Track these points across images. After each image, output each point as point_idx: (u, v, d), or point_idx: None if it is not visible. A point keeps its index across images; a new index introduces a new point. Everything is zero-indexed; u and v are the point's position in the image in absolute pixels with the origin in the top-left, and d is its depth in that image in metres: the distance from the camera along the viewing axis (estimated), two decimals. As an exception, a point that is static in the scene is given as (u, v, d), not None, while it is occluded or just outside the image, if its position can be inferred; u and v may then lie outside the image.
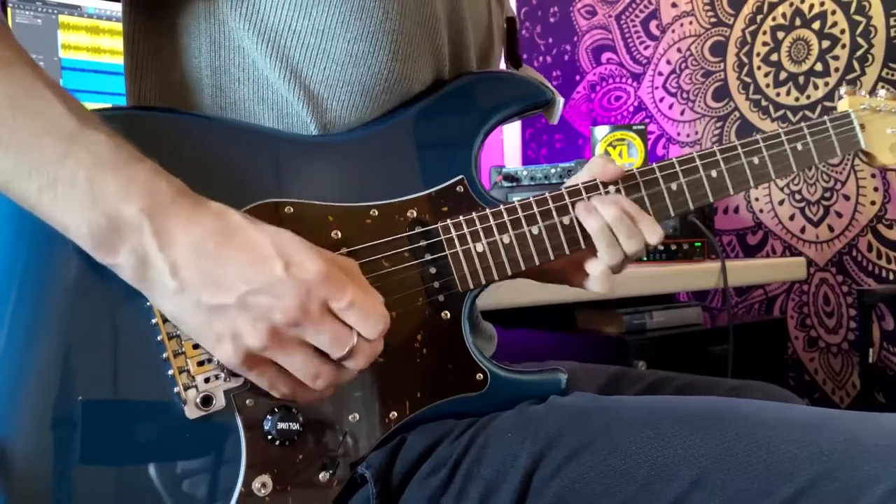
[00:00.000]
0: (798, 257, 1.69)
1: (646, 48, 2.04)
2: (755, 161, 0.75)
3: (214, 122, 0.66)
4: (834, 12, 1.67)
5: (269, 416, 0.60)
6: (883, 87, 0.85)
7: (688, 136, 1.96)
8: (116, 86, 1.52)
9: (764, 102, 1.80)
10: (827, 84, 1.69)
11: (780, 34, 1.76)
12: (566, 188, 0.71)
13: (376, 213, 0.66)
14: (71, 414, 0.57)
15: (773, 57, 1.78)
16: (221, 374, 0.59)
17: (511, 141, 2.33)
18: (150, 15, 0.69)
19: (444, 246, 0.67)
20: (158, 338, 0.58)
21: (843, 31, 1.66)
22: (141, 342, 0.58)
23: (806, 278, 1.64)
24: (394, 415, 0.64)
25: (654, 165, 0.73)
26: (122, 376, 0.58)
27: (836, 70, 1.67)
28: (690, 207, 0.73)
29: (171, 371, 0.58)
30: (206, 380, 0.59)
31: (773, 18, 1.77)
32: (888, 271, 1.61)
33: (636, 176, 0.72)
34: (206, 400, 0.58)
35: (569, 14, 2.21)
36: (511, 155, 2.32)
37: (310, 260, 0.53)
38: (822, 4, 1.69)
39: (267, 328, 0.52)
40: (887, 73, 1.59)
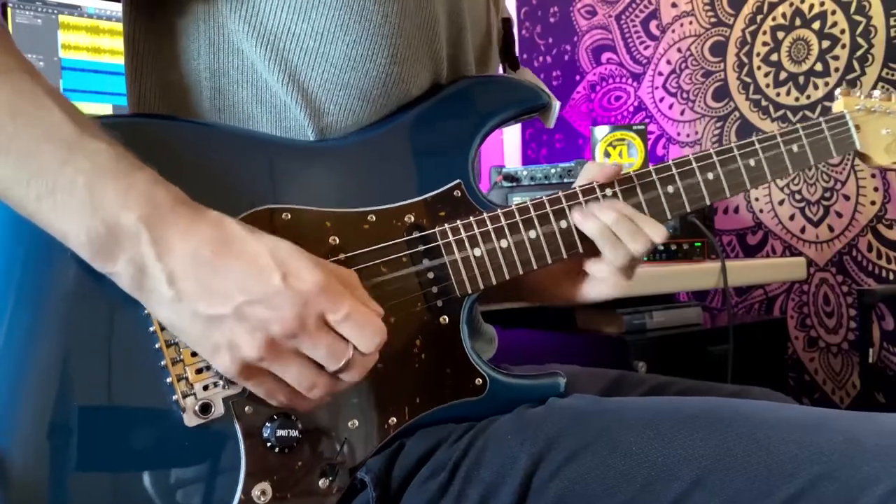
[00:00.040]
0: (798, 257, 1.68)
1: (646, 48, 2.03)
2: (751, 163, 0.75)
3: (212, 128, 0.66)
4: (834, 12, 1.67)
5: (268, 423, 0.60)
6: (877, 88, 0.85)
7: (688, 136, 1.95)
8: (116, 86, 1.52)
9: (764, 102, 1.79)
10: (827, 84, 1.68)
11: (780, 34, 1.76)
12: (563, 192, 0.71)
13: (374, 218, 0.66)
14: (69, 421, 0.57)
15: (773, 57, 1.77)
16: (220, 382, 0.59)
17: (511, 141, 2.33)
18: (150, 15, 0.69)
19: (442, 251, 0.67)
20: (157, 345, 0.58)
21: (843, 31, 1.65)
22: (139, 349, 0.58)
23: (806, 278, 1.64)
24: (393, 420, 0.64)
25: (650, 168, 0.73)
26: (121, 384, 0.58)
27: (836, 70, 1.67)
28: (687, 210, 0.73)
29: (169, 378, 0.58)
30: (205, 387, 0.59)
31: (773, 18, 1.77)
32: (888, 271, 1.61)
33: (633, 179, 0.72)
34: (205, 407, 0.58)
35: (569, 14, 2.21)
36: (511, 155, 2.32)
37: (308, 271, 0.53)
38: (822, 4, 1.69)
39: (264, 339, 0.52)
40: (887, 73, 1.59)
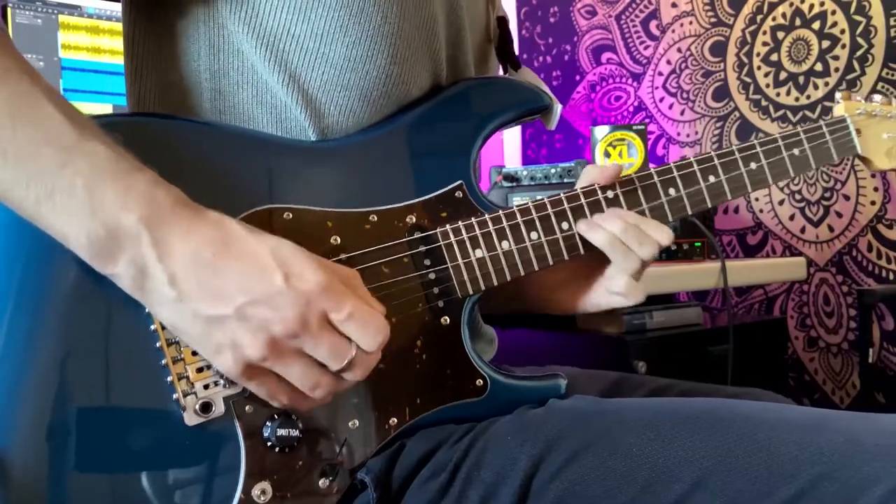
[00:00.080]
0: (798, 257, 1.68)
1: (646, 48, 2.03)
2: (753, 167, 0.75)
3: (214, 128, 0.66)
4: (834, 12, 1.67)
5: (268, 422, 0.60)
6: (877, 93, 0.85)
7: (688, 136, 1.95)
8: (116, 86, 1.52)
9: (764, 102, 1.79)
10: (827, 84, 1.68)
11: (780, 34, 1.76)
12: (565, 193, 0.71)
13: (375, 218, 0.66)
14: (69, 421, 0.57)
15: (773, 57, 1.77)
16: (221, 381, 0.59)
17: (511, 141, 2.33)
18: (150, 16, 0.69)
19: (444, 251, 0.66)
20: (157, 344, 0.58)
21: (843, 31, 1.65)
22: (140, 348, 0.58)
23: (806, 278, 1.64)
24: (394, 421, 0.64)
25: (652, 171, 0.72)
26: (121, 383, 0.58)
27: (836, 70, 1.67)
28: (689, 212, 0.72)
29: (169, 377, 0.58)
30: (206, 386, 0.59)
31: (773, 18, 1.77)
32: (888, 271, 1.61)
33: (634, 181, 0.72)
34: (206, 406, 0.58)
35: (569, 14, 2.21)
36: (511, 155, 2.32)
37: (309, 271, 0.53)
38: (822, 4, 1.69)
39: (266, 339, 0.52)
40: (887, 73, 1.59)
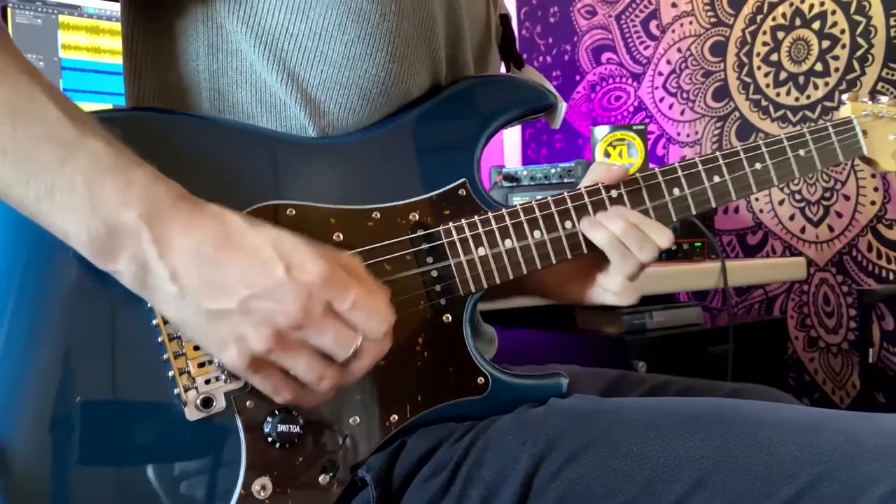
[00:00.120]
0: (798, 257, 1.68)
1: (646, 48, 2.03)
2: (758, 167, 0.74)
3: (216, 123, 0.66)
4: (834, 12, 1.67)
5: (269, 418, 0.60)
6: (885, 94, 0.84)
7: (688, 136, 1.95)
8: (116, 86, 1.52)
9: (764, 102, 1.80)
10: (827, 84, 1.68)
11: (780, 34, 1.76)
12: (568, 192, 0.71)
13: (378, 215, 0.66)
14: (71, 414, 0.57)
15: (773, 57, 1.78)
16: (222, 376, 0.59)
17: (511, 141, 2.33)
18: (149, 16, 0.69)
19: (446, 249, 0.66)
20: (159, 339, 0.58)
21: (843, 31, 1.65)
22: (141, 343, 0.58)
23: (806, 278, 1.64)
24: (394, 418, 0.64)
25: (656, 170, 0.72)
26: (123, 377, 0.58)
27: (836, 70, 1.67)
28: (693, 212, 0.72)
29: (171, 372, 0.58)
30: (207, 381, 0.59)
31: (773, 18, 1.77)
32: (888, 271, 1.61)
33: (639, 181, 0.71)
34: (207, 401, 0.58)
35: (569, 14, 2.21)
36: (511, 155, 2.32)
37: (311, 262, 0.53)
38: (822, 4, 1.69)
39: (270, 332, 0.52)
40: (887, 73, 1.59)
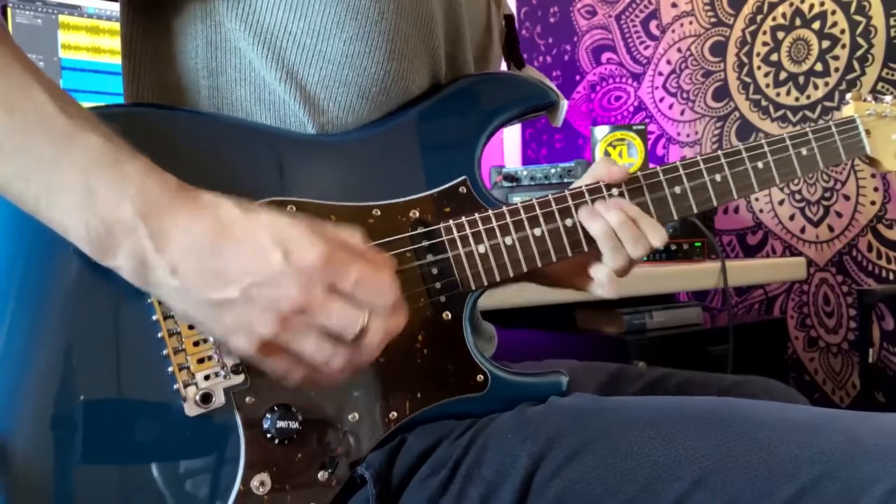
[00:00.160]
0: (798, 257, 1.69)
1: (646, 48, 2.03)
2: (759, 165, 0.74)
3: (215, 119, 0.66)
4: (834, 12, 1.67)
5: (268, 414, 0.59)
6: (888, 93, 0.84)
7: (688, 136, 1.95)
8: (116, 86, 1.52)
9: (764, 102, 1.80)
10: (827, 84, 1.68)
11: (780, 34, 1.76)
12: (569, 190, 0.71)
13: (379, 212, 0.65)
14: (71, 410, 0.57)
15: (773, 57, 1.78)
16: (221, 372, 0.59)
17: (511, 141, 2.33)
18: (147, 16, 0.69)
19: (447, 246, 0.66)
20: (159, 335, 0.58)
21: (843, 31, 1.66)
22: (141, 339, 0.58)
23: (806, 278, 1.64)
24: (394, 415, 0.64)
25: (657, 169, 0.72)
26: (123, 373, 0.58)
27: (836, 70, 1.67)
28: (694, 211, 0.72)
29: (170, 368, 0.58)
30: (206, 377, 0.59)
31: (773, 18, 1.77)
32: (888, 271, 1.61)
33: (640, 179, 0.71)
34: (206, 397, 0.58)
35: (569, 14, 2.21)
36: (511, 155, 2.32)
37: (309, 245, 0.52)
38: (822, 4, 1.69)
39: (275, 317, 0.52)
40: (887, 73, 1.59)
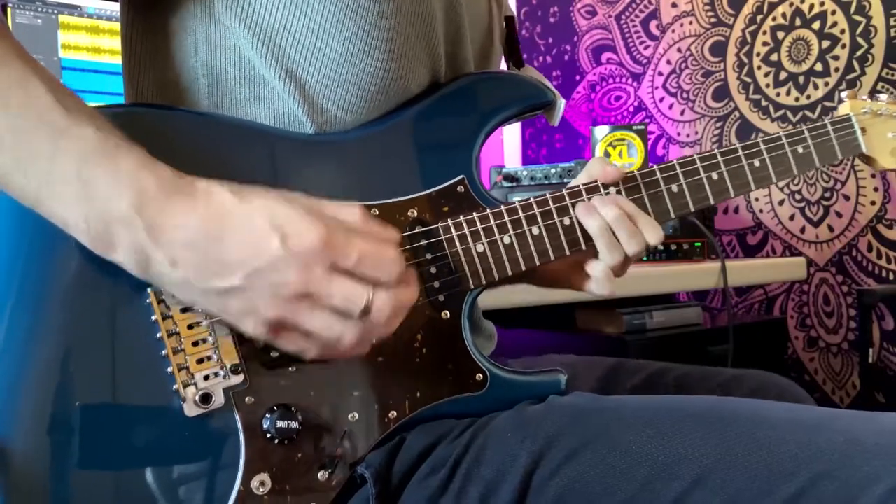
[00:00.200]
0: (798, 257, 1.69)
1: (646, 48, 2.03)
2: (756, 163, 0.75)
3: (214, 119, 0.66)
4: (834, 12, 1.67)
5: (268, 414, 0.59)
6: (884, 91, 0.84)
7: (688, 136, 1.95)
8: (116, 86, 1.52)
9: (764, 102, 1.80)
10: (827, 84, 1.68)
11: (780, 34, 1.76)
12: (567, 189, 0.71)
13: (377, 212, 0.66)
14: (69, 411, 0.57)
15: (773, 57, 1.78)
16: (221, 372, 0.59)
17: (511, 141, 2.33)
18: (147, 15, 0.69)
19: (445, 245, 0.66)
20: (157, 335, 0.58)
21: (843, 31, 1.66)
22: (140, 339, 0.58)
23: (806, 278, 1.64)
24: (393, 414, 0.64)
25: (654, 167, 0.72)
26: (121, 374, 0.58)
27: (836, 70, 1.67)
28: (691, 209, 0.72)
29: (170, 368, 0.58)
30: (206, 377, 0.59)
31: (773, 18, 1.77)
32: (888, 271, 1.61)
33: (637, 178, 0.72)
34: (205, 397, 0.58)
35: (569, 14, 2.21)
36: (511, 155, 2.32)
37: (306, 228, 0.52)
38: (822, 4, 1.69)
39: (279, 301, 0.52)
40: (887, 73, 1.59)
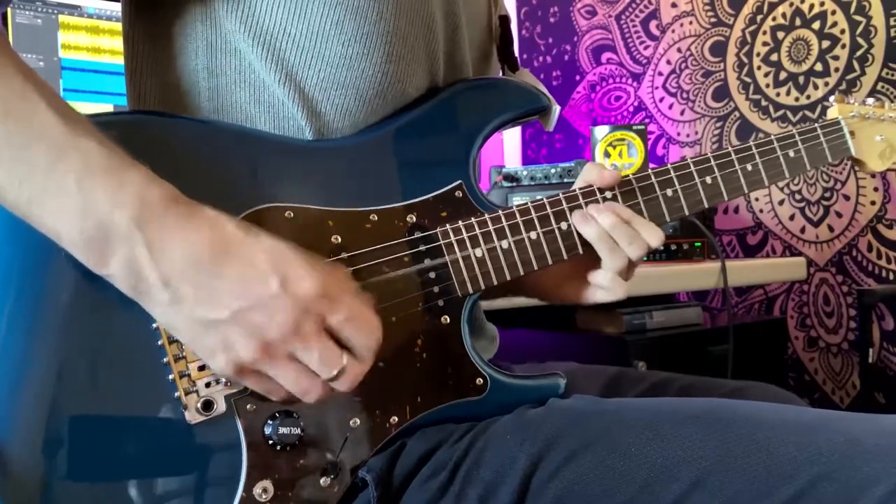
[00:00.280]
0: (798, 257, 1.69)
1: (646, 48, 2.03)
2: (749, 168, 0.76)
3: (214, 126, 0.66)
4: (834, 12, 1.67)
5: (269, 420, 0.60)
6: (871, 96, 0.85)
7: (688, 136, 1.95)
8: (116, 86, 1.52)
9: (764, 102, 1.80)
10: (827, 84, 1.68)
11: (780, 34, 1.76)
12: (564, 194, 0.71)
13: (376, 217, 0.66)
14: (71, 417, 0.57)
15: (773, 57, 1.78)
16: (222, 379, 0.59)
17: (511, 141, 2.33)
18: (149, 16, 0.69)
19: (444, 251, 0.67)
20: (159, 342, 0.58)
21: (843, 31, 1.66)
22: (142, 347, 0.58)
23: (806, 278, 1.64)
24: (394, 419, 0.64)
25: (649, 171, 0.73)
26: (123, 381, 0.58)
27: (836, 70, 1.67)
28: (686, 213, 0.73)
29: (171, 375, 0.58)
30: (207, 384, 0.59)
31: (773, 18, 1.77)
32: (888, 271, 1.61)
33: (632, 182, 0.72)
34: (207, 405, 0.58)
35: (569, 14, 2.21)
36: (511, 155, 2.32)
37: (306, 275, 0.53)
38: (822, 4, 1.69)
39: (259, 343, 0.52)
40: (887, 73, 1.59)
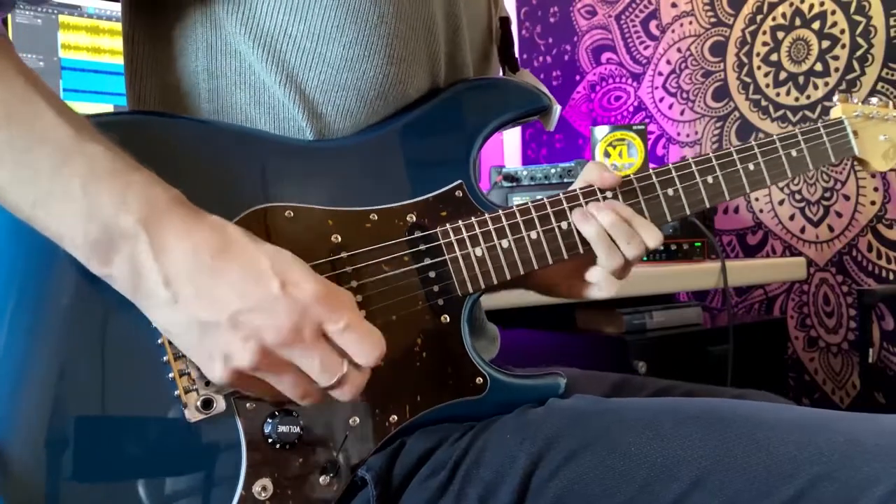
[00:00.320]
0: (798, 257, 1.69)
1: (646, 48, 2.04)
2: (751, 167, 0.75)
3: (214, 126, 0.66)
4: (834, 12, 1.67)
5: (269, 419, 0.60)
6: (874, 95, 0.85)
7: (688, 136, 1.96)
8: (116, 86, 1.52)
9: (764, 102, 1.80)
10: (827, 84, 1.69)
11: (780, 34, 1.76)
12: (564, 194, 0.71)
13: (376, 217, 0.66)
14: (70, 415, 0.57)
15: (773, 57, 1.78)
16: (222, 379, 0.59)
17: (511, 141, 2.33)
18: (149, 17, 0.69)
19: (444, 250, 0.67)
20: (159, 341, 0.59)
21: (843, 31, 1.66)
22: (142, 345, 0.58)
23: (806, 278, 1.64)
24: (394, 418, 0.64)
25: (650, 171, 0.73)
26: (123, 380, 0.58)
27: (836, 70, 1.67)
28: (687, 212, 0.73)
29: (171, 374, 0.58)
30: (207, 383, 0.59)
31: (773, 18, 1.77)
32: (888, 271, 1.61)
33: (633, 182, 0.72)
34: (207, 403, 0.59)
35: (569, 14, 2.21)
36: (511, 155, 2.32)
37: (307, 280, 0.53)
38: (822, 4, 1.69)
39: (257, 347, 0.51)
40: (887, 73, 1.59)
